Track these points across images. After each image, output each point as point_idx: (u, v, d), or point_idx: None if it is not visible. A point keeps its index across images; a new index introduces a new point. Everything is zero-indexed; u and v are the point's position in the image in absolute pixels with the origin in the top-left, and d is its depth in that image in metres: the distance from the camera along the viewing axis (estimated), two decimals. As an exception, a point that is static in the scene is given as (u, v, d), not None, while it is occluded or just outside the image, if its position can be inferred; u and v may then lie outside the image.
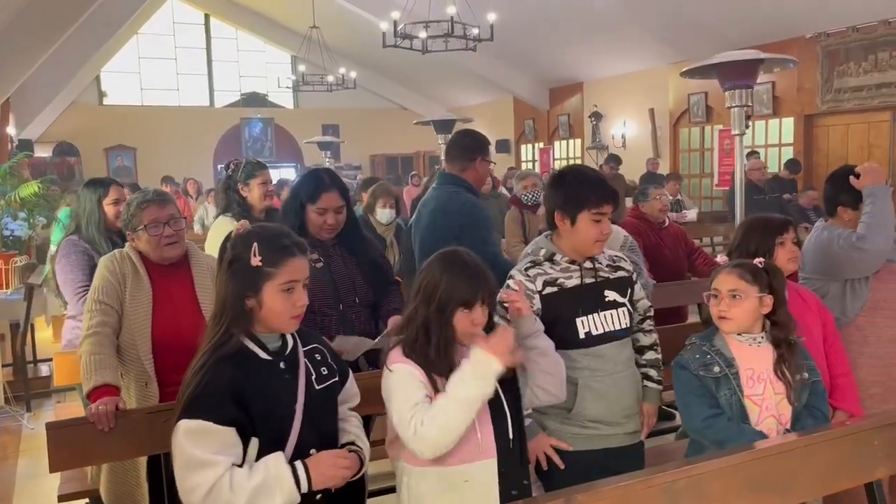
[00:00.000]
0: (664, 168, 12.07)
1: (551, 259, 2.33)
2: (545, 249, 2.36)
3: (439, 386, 1.83)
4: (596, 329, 2.29)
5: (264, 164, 3.68)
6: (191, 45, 18.05)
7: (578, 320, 2.28)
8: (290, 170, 17.35)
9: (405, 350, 1.89)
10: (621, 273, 2.39)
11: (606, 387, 2.28)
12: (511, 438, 1.92)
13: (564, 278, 2.30)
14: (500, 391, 1.95)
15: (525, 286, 2.27)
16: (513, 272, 2.37)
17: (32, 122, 14.50)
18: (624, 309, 2.36)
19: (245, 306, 1.76)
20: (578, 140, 14.87)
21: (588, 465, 2.23)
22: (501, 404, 1.93)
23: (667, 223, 4.60)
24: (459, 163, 3.37)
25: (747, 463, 1.76)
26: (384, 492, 2.81)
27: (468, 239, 3.08)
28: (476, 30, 9.08)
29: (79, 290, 3.23)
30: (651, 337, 2.47)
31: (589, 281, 2.32)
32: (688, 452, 2.34)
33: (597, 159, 13.51)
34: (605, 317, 2.31)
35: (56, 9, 8.99)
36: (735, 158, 4.64)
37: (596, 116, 14.03)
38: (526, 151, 16.63)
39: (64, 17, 9.41)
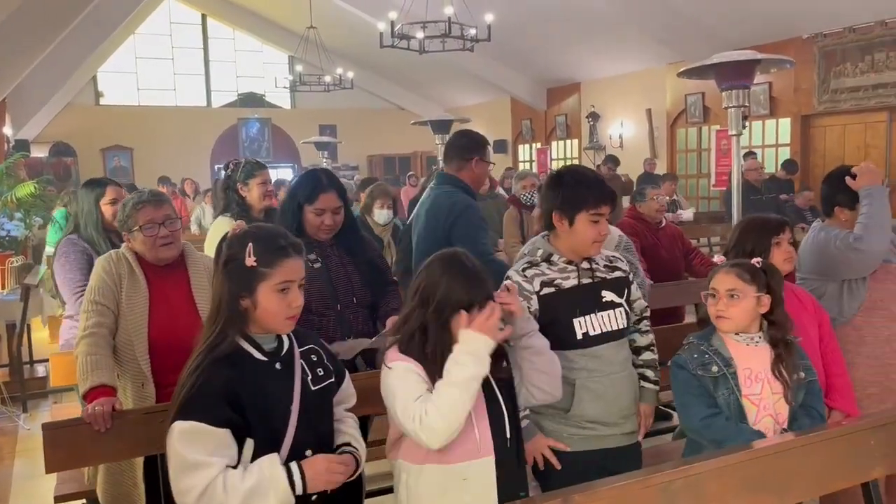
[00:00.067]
0: (661, 168, 12.08)
1: (548, 260, 2.33)
2: (542, 250, 2.35)
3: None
4: (593, 329, 2.29)
5: (263, 164, 3.67)
6: (188, 46, 18.03)
7: (576, 321, 2.28)
8: (288, 170, 17.32)
9: (402, 348, 1.90)
10: (618, 273, 2.39)
11: (604, 387, 2.28)
12: (508, 437, 1.93)
13: (562, 279, 2.30)
14: (497, 391, 1.95)
15: (522, 287, 2.28)
16: (510, 273, 2.37)
17: (29, 123, 14.49)
18: (621, 309, 2.36)
19: (240, 307, 1.75)
20: (576, 140, 14.88)
21: (585, 466, 2.23)
22: (498, 403, 1.94)
23: (664, 223, 4.62)
24: (456, 163, 3.37)
25: (744, 463, 1.76)
26: (382, 492, 2.81)
27: (458, 239, 3.08)
28: (473, 30, 9.09)
29: (77, 290, 3.22)
30: (647, 337, 2.48)
31: (586, 281, 2.32)
32: (685, 452, 2.34)
33: (594, 160, 13.52)
34: (603, 317, 2.31)
35: (52, 9, 8.96)
36: (732, 159, 4.64)
37: (593, 117, 14.03)
38: (523, 152, 16.64)
39: (60, 17, 9.39)
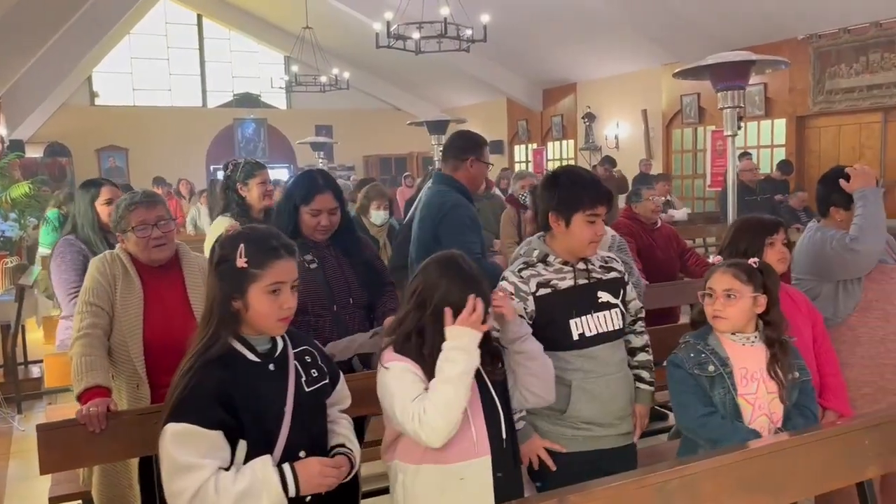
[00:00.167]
0: (657, 169, 12.10)
1: (545, 260, 2.33)
2: (538, 251, 2.35)
3: None
4: (589, 330, 2.29)
5: (263, 164, 3.67)
6: (183, 46, 17.98)
7: (572, 322, 2.28)
8: (283, 171, 17.30)
9: (397, 348, 1.90)
10: (614, 274, 2.39)
11: (600, 388, 2.28)
12: (504, 438, 1.93)
13: (558, 280, 2.30)
14: (493, 391, 1.95)
15: (518, 287, 2.28)
16: (506, 273, 2.37)
17: (23, 123, 14.41)
18: (617, 310, 2.36)
19: (232, 308, 1.75)
20: (571, 141, 14.89)
21: (581, 467, 2.22)
22: (494, 404, 1.94)
23: (659, 224, 4.62)
24: (452, 163, 3.37)
25: (739, 463, 1.76)
26: (378, 493, 2.80)
27: (445, 237, 3.08)
28: (469, 31, 9.09)
29: (71, 292, 3.21)
30: (642, 338, 2.48)
31: (582, 282, 2.32)
32: (679, 451, 2.35)
33: (590, 160, 13.53)
34: (599, 318, 2.31)
35: (47, 8, 8.92)
36: (727, 159, 4.65)
37: (589, 117, 14.05)
38: (519, 152, 16.66)
39: (55, 17, 9.35)
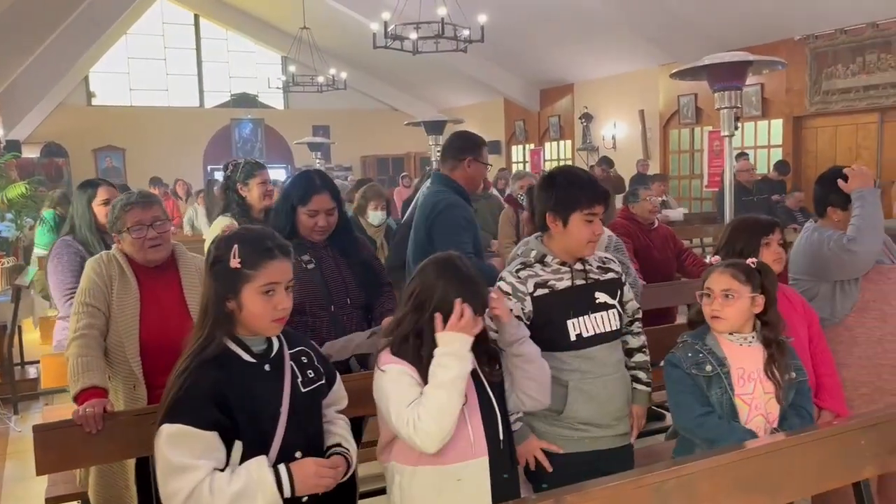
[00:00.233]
0: (654, 169, 12.11)
1: (542, 261, 2.33)
2: (536, 251, 2.35)
3: None
4: (587, 331, 2.29)
5: (263, 164, 3.67)
6: (180, 46, 17.95)
7: (569, 322, 2.27)
8: (281, 171, 17.28)
9: (394, 350, 1.89)
10: (611, 275, 2.39)
11: (597, 389, 2.28)
12: (501, 439, 1.93)
13: (555, 280, 2.30)
14: (490, 393, 1.95)
15: (516, 288, 2.28)
16: (503, 274, 2.36)
17: (20, 123, 14.38)
18: (614, 311, 2.35)
19: (226, 308, 1.75)
20: (569, 141, 14.89)
21: (578, 467, 2.22)
22: (491, 405, 1.94)
23: (656, 224, 4.63)
24: (450, 163, 3.37)
25: (736, 463, 1.76)
26: (376, 493, 2.80)
27: (437, 236, 3.08)
28: (467, 31, 9.09)
29: (67, 292, 3.20)
30: (639, 339, 2.47)
31: (580, 283, 2.32)
32: (676, 451, 2.35)
33: (587, 160, 13.53)
34: (596, 319, 2.31)
35: (44, 8, 8.92)
36: (724, 160, 4.65)
37: (586, 118, 14.05)
38: (517, 152, 16.66)
39: (52, 17, 9.34)
